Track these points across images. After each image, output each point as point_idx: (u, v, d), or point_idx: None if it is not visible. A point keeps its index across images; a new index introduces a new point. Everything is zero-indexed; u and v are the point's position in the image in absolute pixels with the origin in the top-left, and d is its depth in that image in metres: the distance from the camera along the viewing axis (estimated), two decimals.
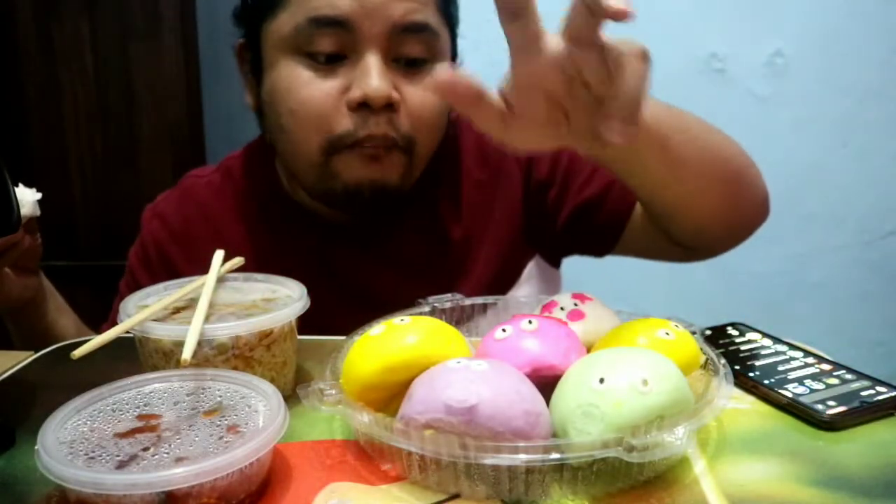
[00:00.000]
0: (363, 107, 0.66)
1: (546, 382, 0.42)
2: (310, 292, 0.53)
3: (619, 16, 0.40)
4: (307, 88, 0.67)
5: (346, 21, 0.65)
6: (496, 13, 0.46)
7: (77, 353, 0.44)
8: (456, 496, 0.39)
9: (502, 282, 0.79)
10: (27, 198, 0.62)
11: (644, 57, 0.45)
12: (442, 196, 0.80)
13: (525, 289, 0.81)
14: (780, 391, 0.50)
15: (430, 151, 0.73)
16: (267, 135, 0.75)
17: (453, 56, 0.75)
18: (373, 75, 0.65)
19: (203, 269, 0.56)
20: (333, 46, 0.66)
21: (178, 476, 0.35)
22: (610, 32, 0.42)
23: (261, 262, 0.60)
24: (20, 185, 0.62)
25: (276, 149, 0.75)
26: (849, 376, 0.52)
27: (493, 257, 0.80)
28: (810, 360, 0.55)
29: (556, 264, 0.86)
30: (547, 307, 0.53)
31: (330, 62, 0.67)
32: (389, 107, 0.66)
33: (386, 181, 0.69)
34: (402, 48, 0.67)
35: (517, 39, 0.46)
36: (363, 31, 0.65)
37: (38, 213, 0.63)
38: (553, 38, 0.45)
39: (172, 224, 0.81)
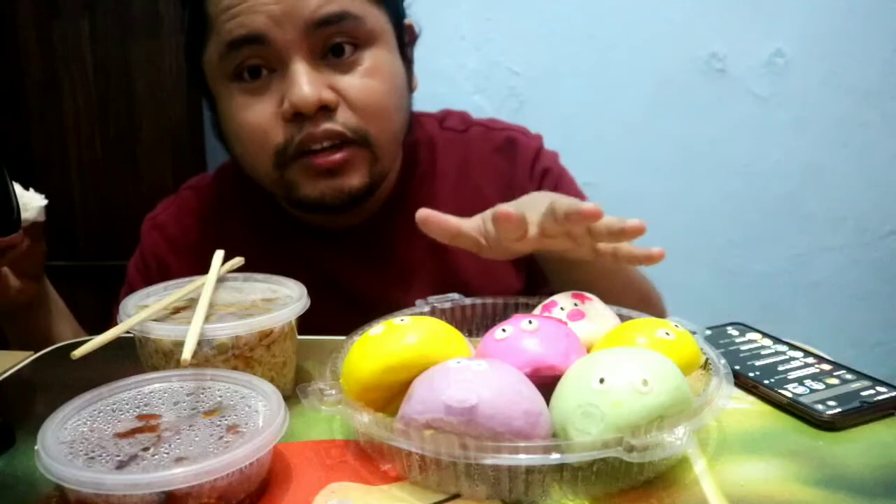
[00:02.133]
0: (298, 116, 0.66)
1: (546, 382, 0.42)
2: (310, 297, 0.53)
3: (639, 234, 0.52)
4: (244, 112, 0.67)
5: (260, 36, 0.64)
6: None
7: (77, 353, 0.43)
8: (456, 496, 0.39)
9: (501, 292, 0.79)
10: (34, 202, 0.62)
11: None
12: (438, 196, 0.80)
13: None
14: (780, 391, 0.50)
15: (392, 136, 0.72)
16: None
17: (400, 32, 0.73)
18: (299, 83, 0.64)
19: None
20: (257, 64, 0.66)
21: (178, 476, 0.35)
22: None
23: (261, 270, 0.60)
24: (30, 190, 0.62)
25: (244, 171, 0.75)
26: (849, 376, 0.52)
27: (493, 265, 0.80)
28: (810, 360, 0.55)
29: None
30: (547, 307, 0.53)
31: (260, 80, 0.67)
32: (325, 108, 0.66)
33: (350, 187, 0.69)
34: (328, 42, 0.66)
35: (508, 240, 0.57)
36: (280, 41, 0.64)
37: (42, 218, 0.63)
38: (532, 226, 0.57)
39: (171, 235, 0.81)
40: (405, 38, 0.74)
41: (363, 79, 0.67)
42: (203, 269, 0.56)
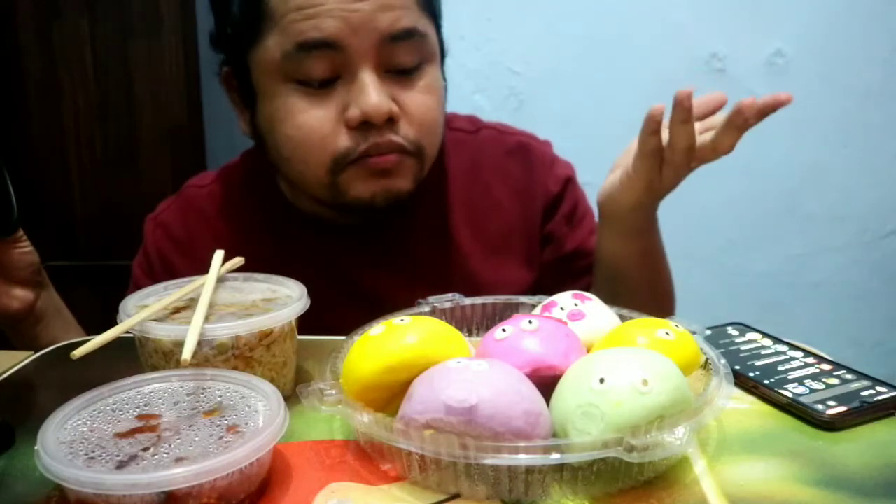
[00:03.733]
0: (365, 125, 0.66)
1: (546, 382, 0.42)
2: (313, 295, 0.53)
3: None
4: (303, 115, 0.67)
5: (335, 42, 0.64)
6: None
7: (77, 353, 0.43)
8: (456, 496, 0.39)
9: (510, 287, 0.79)
10: None
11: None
12: (449, 195, 0.80)
13: None
14: (780, 391, 0.50)
15: (437, 150, 0.73)
16: (270, 158, 0.74)
17: (441, 48, 0.74)
18: (370, 92, 0.64)
19: None
20: (325, 69, 0.65)
21: (178, 476, 0.35)
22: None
23: (264, 269, 0.60)
24: None
25: (281, 170, 0.74)
26: (849, 376, 0.52)
27: (501, 261, 0.80)
28: (810, 360, 0.55)
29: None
30: (547, 307, 0.53)
31: (323, 85, 0.66)
32: (390, 120, 0.66)
33: (399, 190, 0.69)
34: (394, 58, 0.66)
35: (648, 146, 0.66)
36: (353, 49, 0.64)
37: None
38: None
39: (175, 233, 0.81)
40: (443, 54, 0.76)
41: (422, 95, 0.68)
42: (208, 267, 0.56)
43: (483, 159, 0.82)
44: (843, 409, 0.47)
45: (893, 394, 0.49)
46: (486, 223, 0.81)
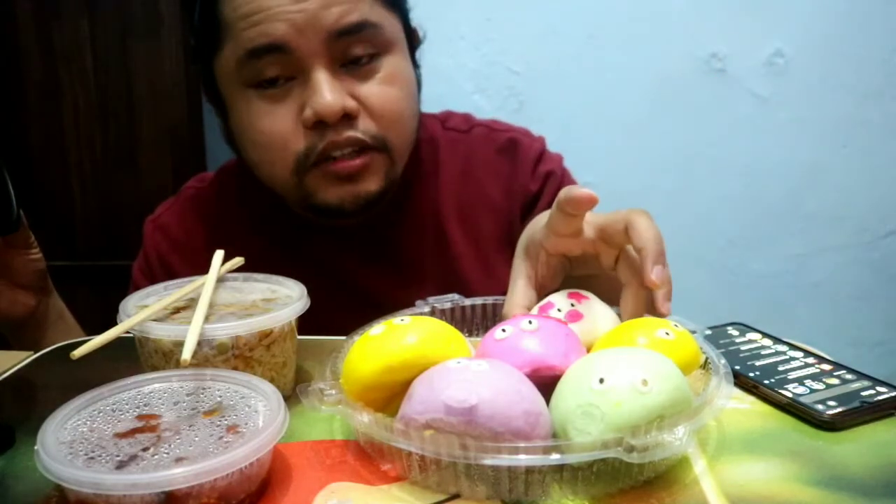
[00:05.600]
0: (320, 124, 0.66)
1: (546, 382, 0.42)
2: (312, 296, 0.53)
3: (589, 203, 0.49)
4: (263, 119, 0.67)
5: (283, 45, 0.64)
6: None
7: (77, 353, 0.43)
8: (456, 496, 0.39)
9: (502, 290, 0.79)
10: None
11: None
12: (442, 195, 0.80)
13: None
14: (780, 391, 0.50)
15: (407, 141, 0.73)
16: (245, 163, 0.75)
17: (409, 38, 0.74)
18: (322, 92, 0.64)
19: None
20: (278, 72, 0.66)
21: (178, 476, 0.35)
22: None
23: (262, 269, 0.60)
24: None
25: (257, 175, 0.74)
26: (849, 376, 0.52)
27: (494, 264, 0.80)
28: (810, 360, 0.55)
29: None
30: (543, 309, 0.53)
31: (280, 87, 0.66)
32: (347, 116, 0.66)
33: (367, 192, 0.69)
34: (347, 52, 0.66)
35: (564, 229, 0.53)
36: (302, 49, 0.64)
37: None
38: (587, 227, 0.54)
39: (174, 235, 0.81)
40: (414, 43, 0.75)
41: (382, 86, 0.68)
42: (207, 269, 0.56)
43: (475, 157, 0.82)
44: (843, 409, 0.47)
45: (893, 394, 0.49)
46: (479, 222, 0.80)
